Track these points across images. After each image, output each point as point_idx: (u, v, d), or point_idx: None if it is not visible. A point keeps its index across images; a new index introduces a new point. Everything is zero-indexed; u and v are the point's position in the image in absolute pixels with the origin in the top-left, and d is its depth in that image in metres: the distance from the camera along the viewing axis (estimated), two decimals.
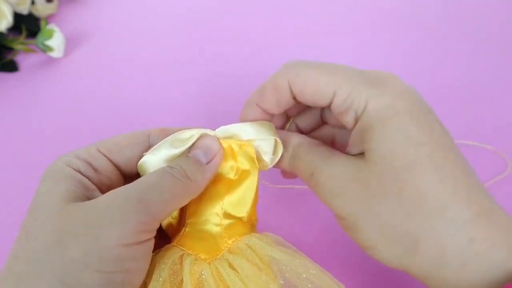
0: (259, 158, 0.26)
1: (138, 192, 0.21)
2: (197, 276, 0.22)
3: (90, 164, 0.23)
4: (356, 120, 0.23)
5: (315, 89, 0.23)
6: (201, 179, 0.23)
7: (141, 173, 0.24)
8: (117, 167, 0.24)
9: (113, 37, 0.57)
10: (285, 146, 0.26)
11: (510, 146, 0.38)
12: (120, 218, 0.20)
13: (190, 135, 0.24)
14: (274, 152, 0.26)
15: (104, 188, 0.23)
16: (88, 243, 0.19)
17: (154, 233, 0.22)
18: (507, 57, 0.47)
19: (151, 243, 0.22)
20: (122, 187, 0.22)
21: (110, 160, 0.24)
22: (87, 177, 0.23)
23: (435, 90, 0.44)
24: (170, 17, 0.59)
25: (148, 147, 0.25)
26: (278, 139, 0.25)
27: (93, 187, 0.23)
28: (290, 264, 0.23)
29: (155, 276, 0.22)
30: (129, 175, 0.25)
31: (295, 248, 0.25)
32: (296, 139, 0.26)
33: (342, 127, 0.27)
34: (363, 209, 0.21)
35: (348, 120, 0.23)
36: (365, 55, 0.50)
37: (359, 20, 0.55)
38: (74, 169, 0.22)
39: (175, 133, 0.24)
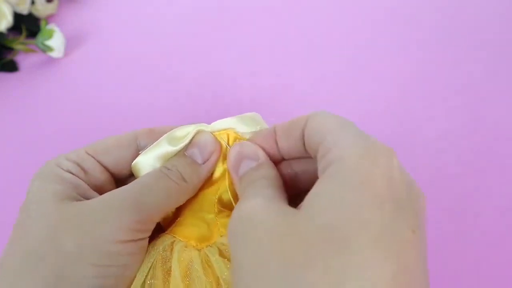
0: None
1: (134, 193, 0.21)
2: (186, 263, 0.22)
3: (79, 165, 0.23)
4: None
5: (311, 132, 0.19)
6: (197, 180, 0.23)
7: (134, 173, 0.24)
8: (105, 168, 0.24)
9: (113, 37, 0.57)
10: (250, 158, 0.22)
11: (510, 146, 0.38)
12: (116, 215, 0.20)
13: (186, 132, 0.24)
14: None
15: (94, 189, 0.23)
16: (83, 237, 0.20)
17: (149, 234, 0.22)
18: (507, 57, 0.47)
19: (146, 242, 0.22)
20: (118, 189, 0.22)
21: (98, 161, 0.24)
22: (77, 177, 0.23)
23: (435, 90, 0.44)
24: (170, 17, 0.59)
25: (135, 148, 0.25)
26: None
27: (85, 186, 0.23)
28: None
29: (145, 262, 0.22)
30: (118, 176, 0.25)
31: None
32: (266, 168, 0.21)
33: None
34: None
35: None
36: (365, 56, 0.50)
37: (359, 20, 0.55)
38: (64, 170, 0.23)
39: (172, 131, 0.24)
